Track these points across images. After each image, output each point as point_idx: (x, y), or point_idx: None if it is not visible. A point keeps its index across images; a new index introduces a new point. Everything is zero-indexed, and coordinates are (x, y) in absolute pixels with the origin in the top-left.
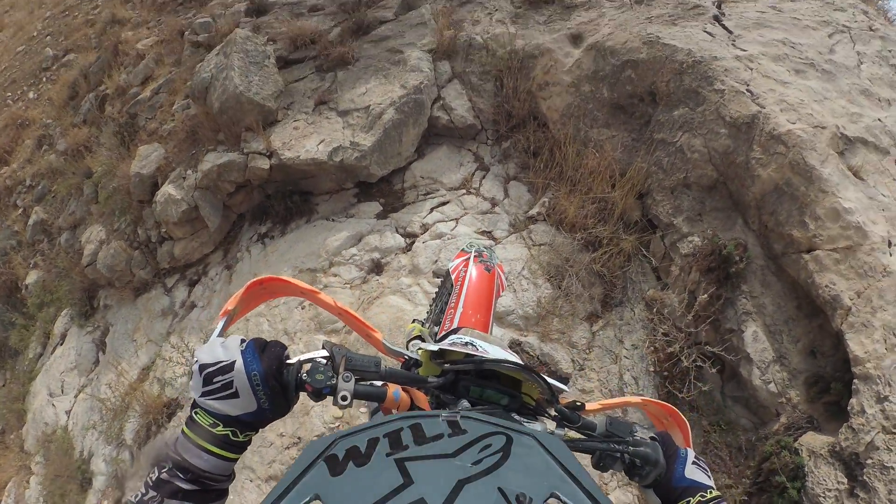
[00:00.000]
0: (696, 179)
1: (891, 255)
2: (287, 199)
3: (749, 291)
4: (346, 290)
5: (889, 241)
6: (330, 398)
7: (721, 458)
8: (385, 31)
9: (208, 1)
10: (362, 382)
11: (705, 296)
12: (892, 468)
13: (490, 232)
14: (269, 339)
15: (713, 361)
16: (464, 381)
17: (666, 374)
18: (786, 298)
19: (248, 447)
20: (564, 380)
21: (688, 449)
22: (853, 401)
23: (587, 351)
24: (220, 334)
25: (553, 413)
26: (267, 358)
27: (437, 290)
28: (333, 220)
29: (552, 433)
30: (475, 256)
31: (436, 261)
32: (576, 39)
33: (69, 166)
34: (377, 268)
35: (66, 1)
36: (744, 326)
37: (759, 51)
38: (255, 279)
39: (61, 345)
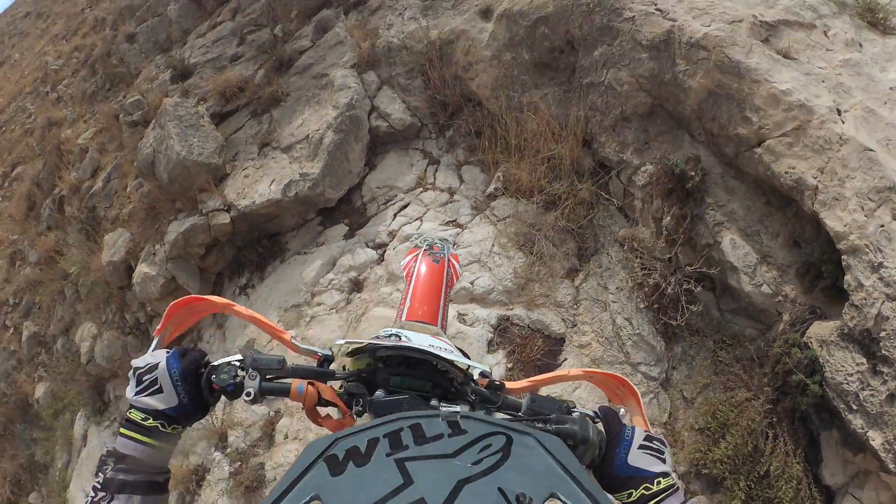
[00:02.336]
0: (633, 110)
1: (843, 122)
2: (257, 245)
3: (715, 202)
4: (332, 315)
5: (837, 109)
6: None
7: (735, 374)
8: (307, 59)
9: (134, 80)
10: (269, 378)
11: (669, 218)
12: None
13: (454, 220)
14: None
15: (699, 280)
16: (382, 372)
17: (656, 306)
18: (753, 198)
19: (178, 440)
20: (499, 388)
21: (635, 428)
22: (847, 277)
23: (575, 306)
24: (155, 349)
25: (472, 396)
26: (186, 360)
27: None
28: (305, 252)
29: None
30: (425, 251)
31: None
32: (486, 13)
33: (45, 274)
34: (357, 286)
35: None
36: (719, 237)
37: None
38: (174, 302)
39: (85, 447)
